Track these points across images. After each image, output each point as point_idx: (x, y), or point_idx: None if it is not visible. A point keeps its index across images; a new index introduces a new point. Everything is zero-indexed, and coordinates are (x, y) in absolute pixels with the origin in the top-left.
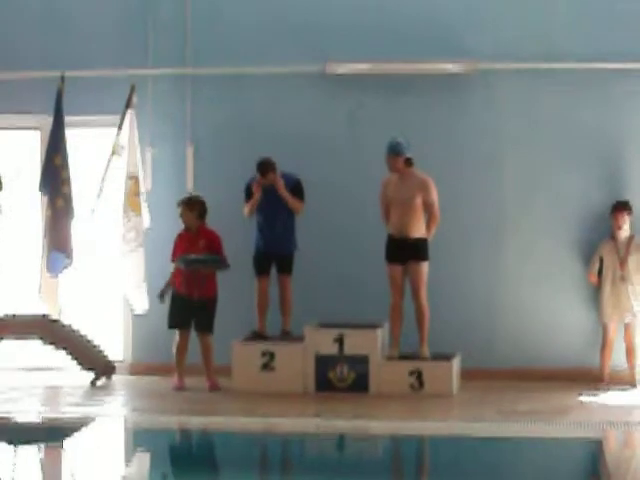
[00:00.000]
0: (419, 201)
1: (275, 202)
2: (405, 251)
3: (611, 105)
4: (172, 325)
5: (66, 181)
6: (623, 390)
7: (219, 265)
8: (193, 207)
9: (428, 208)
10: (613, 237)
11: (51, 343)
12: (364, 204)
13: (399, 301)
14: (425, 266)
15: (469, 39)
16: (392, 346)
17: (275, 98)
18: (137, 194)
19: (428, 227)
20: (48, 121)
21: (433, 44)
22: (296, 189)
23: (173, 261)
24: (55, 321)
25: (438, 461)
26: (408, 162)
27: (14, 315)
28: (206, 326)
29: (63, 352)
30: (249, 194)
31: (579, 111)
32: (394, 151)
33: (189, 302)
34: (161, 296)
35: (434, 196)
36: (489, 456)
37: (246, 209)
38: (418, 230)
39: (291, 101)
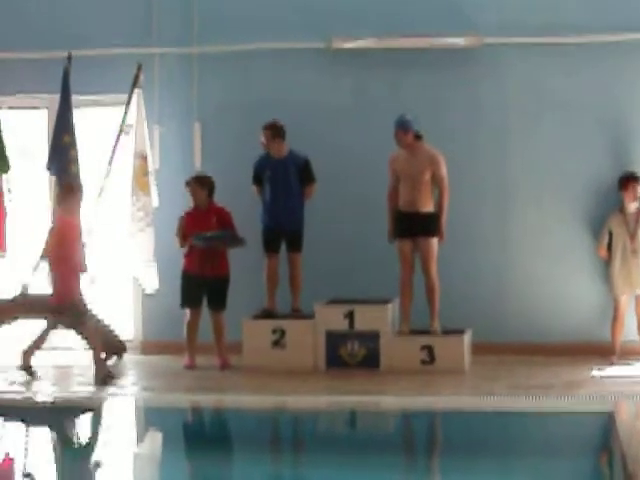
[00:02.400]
0: (428, 176)
1: (284, 178)
2: (414, 226)
3: (618, 78)
4: (185, 304)
5: (74, 160)
6: (634, 363)
7: (238, 241)
8: (204, 184)
9: (438, 183)
10: (622, 210)
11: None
12: (372, 179)
13: (409, 276)
14: (435, 241)
15: (475, 13)
16: (402, 321)
17: (281, 75)
18: (145, 173)
19: (440, 202)
20: (55, 100)
21: (438, 18)
22: (305, 169)
23: (184, 240)
24: None
25: (450, 436)
26: (417, 137)
27: (24, 295)
28: (219, 304)
29: (73, 332)
30: (257, 175)
31: (586, 84)
32: (402, 127)
33: (201, 281)
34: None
35: (444, 171)
36: (500, 431)
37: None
38: (427, 205)
39: (297, 77)
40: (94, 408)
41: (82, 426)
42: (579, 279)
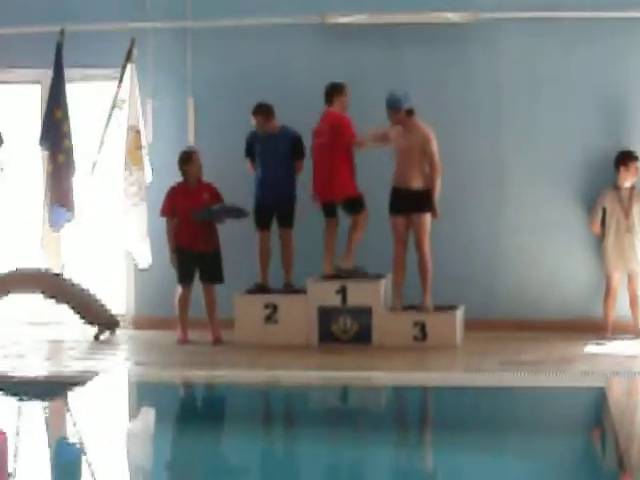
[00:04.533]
0: (419, 152)
1: (275, 153)
2: (407, 202)
3: (614, 54)
4: (182, 280)
5: (67, 135)
6: (627, 340)
7: (244, 213)
8: (197, 159)
9: (428, 159)
10: (616, 187)
11: (53, 297)
12: (365, 154)
13: (402, 253)
14: (427, 217)
15: None
16: (395, 297)
17: (275, 50)
18: (138, 148)
19: (431, 179)
20: (48, 75)
21: None
22: (296, 146)
23: (166, 215)
24: (57, 275)
25: (442, 412)
26: (409, 113)
27: (16, 269)
28: (216, 278)
29: (66, 306)
30: (249, 147)
31: (581, 61)
32: (393, 107)
33: (195, 256)
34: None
35: (433, 147)
36: (492, 407)
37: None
38: (419, 181)
39: (291, 52)
40: (86, 383)
41: (74, 401)
42: (572, 255)
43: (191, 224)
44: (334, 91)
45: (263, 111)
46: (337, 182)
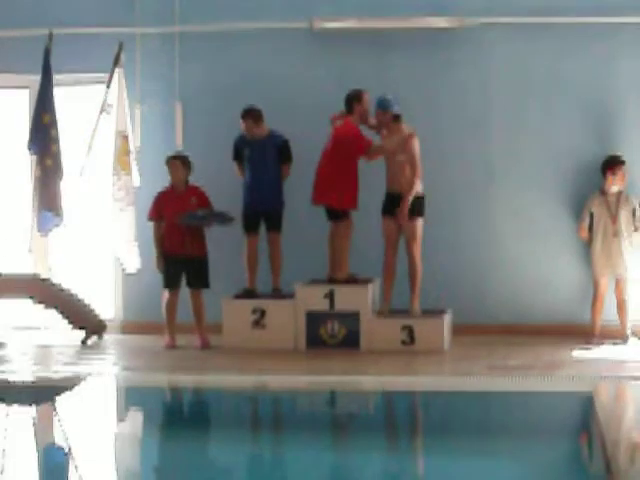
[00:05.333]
0: (403, 157)
1: (263, 158)
2: (398, 206)
3: (602, 60)
4: (168, 285)
5: (55, 140)
6: (614, 345)
7: (229, 218)
8: (186, 164)
9: (408, 160)
10: (603, 192)
11: (41, 302)
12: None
13: (392, 257)
14: (418, 222)
15: None
16: (383, 302)
17: (263, 55)
18: (127, 153)
19: (408, 179)
20: (36, 79)
21: None
22: (283, 150)
23: (153, 219)
24: (44, 280)
25: (430, 416)
26: (396, 118)
27: (2, 275)
28: (202, 283)
29: (54, 311)
30: (237, 151)
31: (568, 66)
32: (381, 106)
33: (180, 261)
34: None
35: (413, 151)
36: (480, 411)
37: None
38: (410, 185)
39: (279, 57)
40: (74, 387)
41: (62, 406)
42: (560, 260)
43: (178, 229)
44: (352, 99)
45: (252, 115)
46: (335, 189)
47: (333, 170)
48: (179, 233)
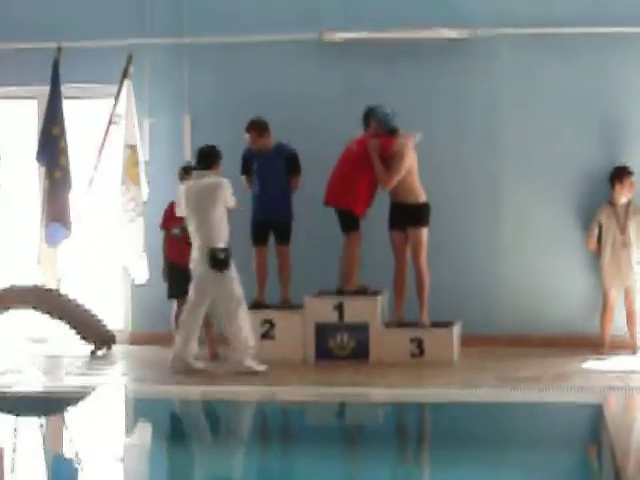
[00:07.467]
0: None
1: (271, 170)
2: (402, 216)
3: (609, 70)
4: (171, 295)
5: (64, 152)
6: (623, 356)
7: None
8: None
9: (407, 172)
10: (612, 202)
11: (47, 313)
12: None
13: (401, 268)
14: (423, 232)
15: (468, 4)
16: (394, 313)
17: (272, 67)
18: (135, 165)
19: (386, 176)
20: (45, 91)
21: (430, 11)
22: (292, 162)
23: (166, 229)
24: (49, 291)
25: (439, 428)
26: (393, 132)
27: (11, 286)
28: None
29: (62, 322)
30: (245, 165)
31: (578, 76)
32: (382, 123)
33: (183, 271)
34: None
35: (405, 154)
36: (489, 423)
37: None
38: (412, 195)
39: (288, 69)
40: (84, 399)
41: (72, 417)
42: (569, 271)
43: (181, 238)
44: (369, 115)
45: (256, 127)
46: (351, 192)
47: (354, 173)
48: (182, 244)
